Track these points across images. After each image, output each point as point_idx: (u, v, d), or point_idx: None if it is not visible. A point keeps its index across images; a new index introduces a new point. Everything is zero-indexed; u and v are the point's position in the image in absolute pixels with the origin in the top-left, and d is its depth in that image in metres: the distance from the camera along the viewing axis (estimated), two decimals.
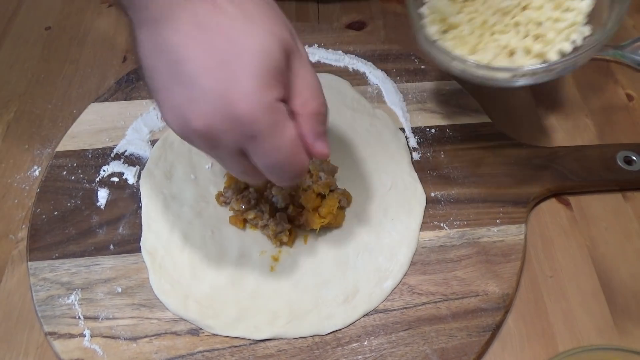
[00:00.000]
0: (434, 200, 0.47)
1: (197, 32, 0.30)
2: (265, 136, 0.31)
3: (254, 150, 0.31)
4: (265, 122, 0.30)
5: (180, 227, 0.45)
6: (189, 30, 0.30)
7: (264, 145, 0.31)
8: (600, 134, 0.52)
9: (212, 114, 0.30)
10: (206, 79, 0.30)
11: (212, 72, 0.30)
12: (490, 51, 0.44)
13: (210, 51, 0.30)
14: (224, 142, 0.31)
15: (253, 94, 0.30)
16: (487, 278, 0.42)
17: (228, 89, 0.30)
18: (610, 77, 0.56)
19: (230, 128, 0.30)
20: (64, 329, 0.40)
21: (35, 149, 0.51)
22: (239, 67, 0.30)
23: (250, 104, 0.30)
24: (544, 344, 0.40)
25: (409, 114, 0.52)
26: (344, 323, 0.40)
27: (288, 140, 0.32)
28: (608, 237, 0.45)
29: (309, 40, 0.58)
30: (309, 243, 0.44)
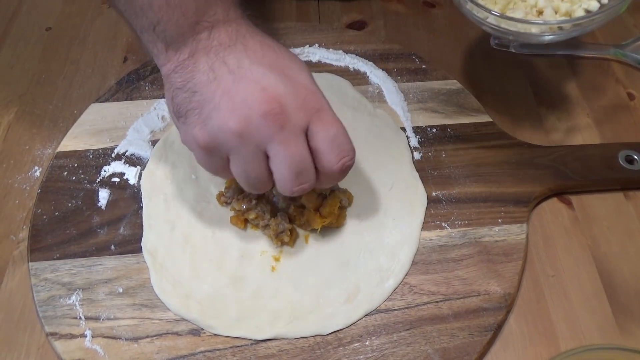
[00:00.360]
0: (435, 200, 0.47)
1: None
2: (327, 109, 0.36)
3: (317, 122, 0.36)
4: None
5: (181, 227, 0.45)
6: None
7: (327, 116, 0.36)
8: (601, 133, 0.52)
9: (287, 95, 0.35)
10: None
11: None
12: (519, 11, 0.45)
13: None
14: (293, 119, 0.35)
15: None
16: (488, 278, 0.42)
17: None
18: (612, 76, 0.56)
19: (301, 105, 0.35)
20: (65, 330, 0.40)
21: (36, 149, 0.51)
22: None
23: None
24: (545, 343, 0.40)
25: (410, 113, 0.52)
26: (346, 323, 0.40)
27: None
28: (610, 237, 0.45)
29: (309, 40, 0.58)
30: (310, 243, 0.44)
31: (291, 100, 0.35)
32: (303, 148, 0.36)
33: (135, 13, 0.38)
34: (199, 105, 0.36)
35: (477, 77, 0.56)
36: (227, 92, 0.35)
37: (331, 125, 0.36)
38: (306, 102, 0.36)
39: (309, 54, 0.57)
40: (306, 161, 0.36)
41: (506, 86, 0.55)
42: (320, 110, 0.36)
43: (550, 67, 0.57)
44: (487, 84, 0.55)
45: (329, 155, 0.36)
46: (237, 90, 0.35)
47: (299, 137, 0.36)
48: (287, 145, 0.35)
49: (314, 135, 0.36)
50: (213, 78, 0.36)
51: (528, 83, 0.56)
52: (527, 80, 0.56)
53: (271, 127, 0.35)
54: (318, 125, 0.36)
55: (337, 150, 0.36)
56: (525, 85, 0.55)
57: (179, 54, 0.37)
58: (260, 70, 0.36)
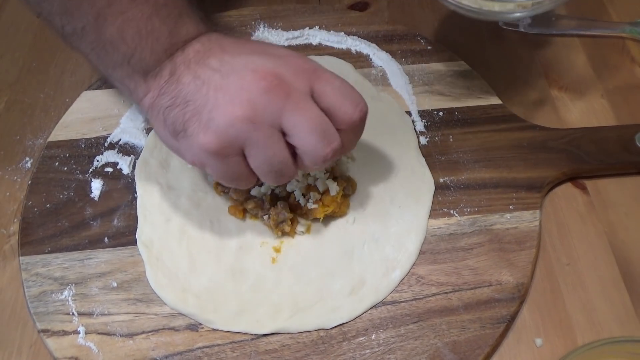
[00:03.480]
0: (443, 186, 0.45)
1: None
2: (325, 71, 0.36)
3: (319, 81, 0.35)
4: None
5: (177, 218, 0.43)
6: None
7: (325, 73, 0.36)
8: (617, 115, 0.50)
9: (280, 67, 0.35)
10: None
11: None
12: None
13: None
14: (295, 83, 0.34)
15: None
16: (500, 267, 0.40)
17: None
18: (626, 55, 0.54)
19: (297, 72, 0.35)
20: (58, 326, 0.39)
21: (27, 139, 0.49)
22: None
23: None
24: (561, 335, 0.38)
25: (415, 96, 0.50)
26: (350, 316, 0.39)
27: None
28: (628, 223, 0.43)
29: (309, 22, 0.55)
30: (312, 233, 0.43)
31: (285, 70, 0.34)
32: (317, 109, 0.34)
33: (105, 50, 0.36)
34: (195, 113, 0.34)
35: (485, 58, 0.53)
36: (220, 89, 0.34)
37: (334, 79, 0.36)
38: (300, 68, 0.35)
39: (309, 36, 0.54)
40: (325, 120, 0.35)
41: (516, 67, 0.53)
42: (317, 70, 0.36)
43: (561, 47, 0.55)
44: (495, 65, 0.53)
45: (344, 106, 0.35)
46: (229, 82, 0.34)
47: (309, 100, 0.34)
48: (301, 110, 0.34)
49: (322, 94, 0.35)
50: (201, 83, 0.35)
51: (539, 63, 0.53)
52: (538, 60, 0.54)
53: (277, 100, 0.33)
54: (321, 84, 0.35)
55: (349, 99, 0.35)
56: (535, 66, 0.53)
57: (159, 79, 0.36)
58: (244, 58, 0.35)
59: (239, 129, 0.33)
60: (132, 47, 0.36)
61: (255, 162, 0.35)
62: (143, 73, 0.37)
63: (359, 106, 0.36)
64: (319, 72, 0.36)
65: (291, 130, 0.34)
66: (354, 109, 0.35)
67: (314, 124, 0.34)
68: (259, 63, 0.35)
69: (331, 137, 0.35)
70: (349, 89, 0.36)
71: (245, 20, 0.56)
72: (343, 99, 0.35)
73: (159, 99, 0.36)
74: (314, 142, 0.34)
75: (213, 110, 0.34)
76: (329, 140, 0.35)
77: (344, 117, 0.35)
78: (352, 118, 0.35)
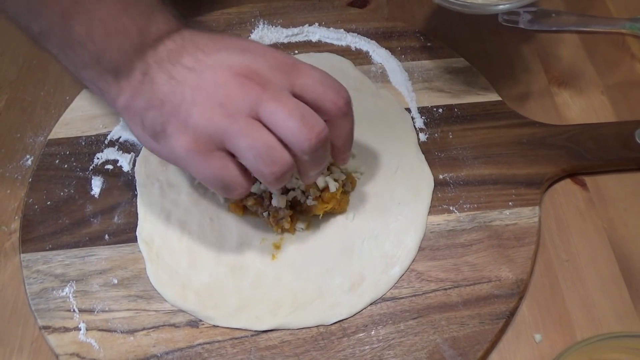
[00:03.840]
0: (442, 183, 0.45)
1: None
2: (303, 64, 0.35)
3: (297, 74, 0.34)
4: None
5: (177, 215, 0.43)
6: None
7: (304, 67, 0.35)
8: (617, 111, 0.50)
9: (256, 62, 0.34)
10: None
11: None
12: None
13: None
14: (271, 77, 0.34)
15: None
16: (499, 263, 0.40)
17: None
18: (626, 51, 0.54)
19: (273, 67, 0.34)
20: (59, 323, 0.39)
21: (28, 137, 0.49)
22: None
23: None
24: (560, 331, 0.38)
25: (415, 93, 0.50)
26: (350, 312, 0.39)
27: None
28: (627, 219, 0.43)
29: (309, 19, 0.55)
30: (311, 230, 0.43)
31: (262, 66, 0.34)
32: (295, 100, 0.34)
33: (73, 49, 0.35)
34: (173, 113, 0.34)
35: (485, 55, 0.53)
36: (196, 87, 0.34)
37: (313, 71, 0.35)
38: (278, 63, 0.35)
39: (309, 33, 0.54)
40: (305, 108, 0.34)
41: (516, 63, 0.53)
42: (295, 64, 0.35)
43: (561, 43, 0.55)
44: (495, 62, 0.53)
45: (327, 95, 0.35)
46: (205, 80, 0.34)
47: (286, 93, 0.34)
48: (279, 101, 0.33)
49: (303, 88, 0.34)
50: (176, 84, 0.34)
51: (539, 60, 0.53)
52: (538, 57, 0.54)
53: (253, 93, 0.33)
54: (301, 77, 0.35)
55: (331, 88, 0.35)
56: (535, 62, 0.53)
57: (131, 79, 0.35)
58: (219, 55, 0.35)
59: (217, 124, 0.33)
60: (101, 46, 0.34)
61: (240, 153, 0.34)
62: (114, 73, 0.35)
63: (341, 92, 0.35)
64: (298, 66, 0.35)
65: (269, 119, 0.33)
66: (337, 96, 0.35)
67: (293, 111, 0.33)
68: (234, 59, 0.34)
69: (314, 121, 0.34)
70: (329, 79, 0.36)
71: (244, 17, 0.56)
72: (325, 89, 0.35)
73: (134, 101, 0.35)
74: (296, 128, 0.33)
75: (190, 109, 0.33)
76: (311, 125, 0.33)
77: (329, 105, 0.35)
78: (337, 105, 0.35)
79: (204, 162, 0.34)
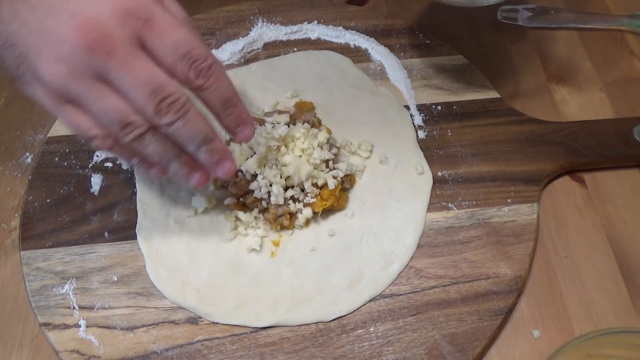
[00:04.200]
0: (441, 180, 0.45)
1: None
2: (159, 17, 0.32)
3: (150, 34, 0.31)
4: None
5: (176, 212, 0.43)
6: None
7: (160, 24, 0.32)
8: (615, 108, 0.50)
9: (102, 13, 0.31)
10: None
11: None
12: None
13: None
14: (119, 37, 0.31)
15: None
16: (498, 260, 0.40)
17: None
18: (625, 48, 0.54)
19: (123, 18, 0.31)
20: (59, 320, 0.39)
21: (27, 135, 0.50)
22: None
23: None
24: (559, 327, 0.39)
25: (414, 90, 0.50)
26: (349, 309, 0.39)
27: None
28: (625, 215, 0.43)
29: (308, 16, 0.55)
30: (310, 227, 0.43)
31: (108, 18, 0.31)
32: (146, 64, 0.31)
33: None
34: (23, 59, 0.32)
35: (484, 52, 0.53)
36: (39, 34, 0.31)
37: (167, 33, 0.32)
38: (129, 14, 0.31)
39: (308, 31, 0.54)
40: (158, 76, 0.32)
41: (514, 61, 0.53)
42: (150, 20, 0.32)
43: (560, 40, 0.55)
44: (494, 59, 0.53)
45: (179, 67, 0.32)
46: (48, 27, 0.31)
47: (136, 55, 0.31)
48: (126, 70, 0.31)
49: (153, 51, 0.32)
50: (21, 24, 0.32)
51: (537, 57, 0.54)
52: (537, 54, 0.54)
53: (98, 58, 0.31)
54: (152, 38, 0.32)
55: (184, 59, 0.32)
56: (534, 60, 0.53)
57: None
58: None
59: (62, 83, 0.31)
60: None
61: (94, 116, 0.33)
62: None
63: (195, 65, 0.32)
64: (153, 22, 0.32)
65: (118, 86, 0.32)
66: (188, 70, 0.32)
67: (142, 82, 0.31)
68: (81, 5, 0.31)
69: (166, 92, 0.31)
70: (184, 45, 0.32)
71: (243, 15, 0.56)
72: (176, 59, 0.32)
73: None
74: (143, 98, 0.31)
75: (36, 60, 0.32)
76: (163, 95, 0.31)
77: (181, 78, 0.33)
78: (190, 80, 0.33)
79: (58, 112, 0.33)
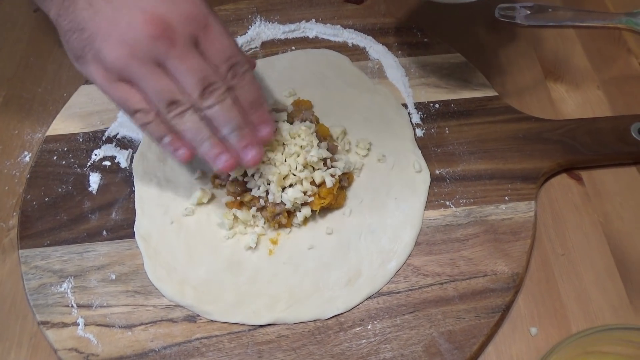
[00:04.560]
0: (438, 178, 0.45)
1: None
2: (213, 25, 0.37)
3: (204, 38, 0.37)
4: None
5: (174, 211, 0.43)
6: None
7: (213, 31, 0.37)
8: (612, 106, 0.50)
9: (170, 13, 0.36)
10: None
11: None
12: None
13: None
14: (181, 34, 0.36)
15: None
16: (495, 257, 0.41)
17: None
18: (623, 45, 0.54)
19: (186, 21, 0.36)
20: (57, 318, 0.39)
21: (25, 134, 0.50)
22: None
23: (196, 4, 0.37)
24: (556, 324, 0.39)
25: (412, 89, 0.50)
26: (347, 307, 0.39)
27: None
28: (622, 213, 0.43)
29: (306, 15, 0.55)
30: (308, 225, 0.43)
31: (175, 17, 0.36)
32: (198, 59, 0.37)
33: None
34: (89, 42, 0.36)
35: (482, 50, 0.54)
36: (111, 22, 0.36)
37: (217, 39, 0.38)
38: (191, 19, 0.37)
39: (306, 29, 0.54)
40: (207, 69, 0.37)
41: (512, 59, 0.53)
42: (206, 26, 0.37)
43: (558, 38, 0.55)
44: (492, 57, 0.53)
45: (222, 68, 0.38)
46: (120, 17, 0.36)
47: (191, 51, 0.36)
48: (183, 59, 0.36)
49: (204, 52, 0.37)
50: (94, 13, 0.36)
51: (535, 55, 0.54)
52: (534, 52, 0.54)
53: (161, 46, 0.35)
54: (205, 41, 0.37)
55: (226, 62, 0.38)
56: (532, 58, 0.53)
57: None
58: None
59: (124, 64, 0.36)
60: None
61: (147, 93, 0.37)
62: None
63: (233, 69, 0.38)
64: (209, 28, 0.37)
65: (173, 73, 0.36)
66: (227, 70, 0.37)
67: (194, 70, 0.36)
68: (153, 4, 0.36)
69: (211, 79, 0.37)
70: (229, 51, 0.38)
71: (241, 13, 0.56)
72: (221, 60, 0.37)
73: (60, 19, 0.37)
74: (193, 82, 0.36)
75: (103, 42, 0.36)
76: (207, 82, 0.36)
77: (221, 75, 0.37)
78: (225, 79, 0.37)
79: (113, 89, 0.37)
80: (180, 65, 0.36)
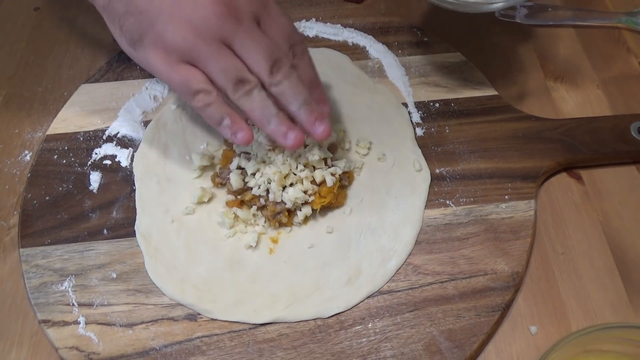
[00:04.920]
0: (439, 177, 0.45)
1: None
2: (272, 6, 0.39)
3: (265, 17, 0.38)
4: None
5: (175, 209, 0.43)
6: None
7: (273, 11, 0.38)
8: (612, 105, 0.50)
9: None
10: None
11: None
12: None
13: None
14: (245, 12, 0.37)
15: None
16: (495, 256, 0.41)
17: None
18: (622, 45, 0.54)
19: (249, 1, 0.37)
20: (58, 317, 0.39)
21: (26, 132, 0.50)
22: None
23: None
24: (556, 323, 0.39)
25: (412, 88, 0.50)
26: (347, 305, 0.39)
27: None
28: (622, 212, 0.44)
29: (306, 14, 0.55)
30: (309, 224, 0.43)
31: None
32: (263, 36, 0.37)
33: None
34: (150, 24, 0.36)
35: (482, 50, 0.54)
36: (174, 3, 0.35)
37: (277, 19, 0.39)
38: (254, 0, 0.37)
39: (306, 28, 0.54)
40: (273, 45, 0.37)
41: (512, 58, 0.53)
42: (267, 6, 0.39)
43: (557, 38, 0.55)
44: (492, 56, 0.53)
45: (283, 46, 0.38)
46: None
47: (256, 29, 0.37)
48: (252, 37, 0.36)
49: (265, 30, 0.38)
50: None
51: (535, 54, 0.54)
52: (534, 51, 0.54)
53: (229, 24, 0.36)
54: (266, 20, 0.38)
55: (287, 41, 0.39)
56: (532, 57, 0.53)
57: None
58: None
59: (191, 44, 0.36)
60: None
61: (212, 73, 0.37)
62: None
63: (295, 46, 0.39)
64: (269, 7, 0.39)
65: (240, 50, 0.37)
66: (288, 47, 0.38)
67: (262, 48, 0.37)
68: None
69: (278, 55, 0.37)
70: (289, 30, 0.39)
71: None
72: (282, 38, 0.38)
73: (113, 4, 0.37)
74: (262, 59, 0.36)
75: (167, 24, 0.35)
76: (276, 57, 0.37)
77: (280, 53, 0.38)
78: (289, 56, 0.38)
79: (174, 71, 0.37)
80: (249, 42, 0.36)
